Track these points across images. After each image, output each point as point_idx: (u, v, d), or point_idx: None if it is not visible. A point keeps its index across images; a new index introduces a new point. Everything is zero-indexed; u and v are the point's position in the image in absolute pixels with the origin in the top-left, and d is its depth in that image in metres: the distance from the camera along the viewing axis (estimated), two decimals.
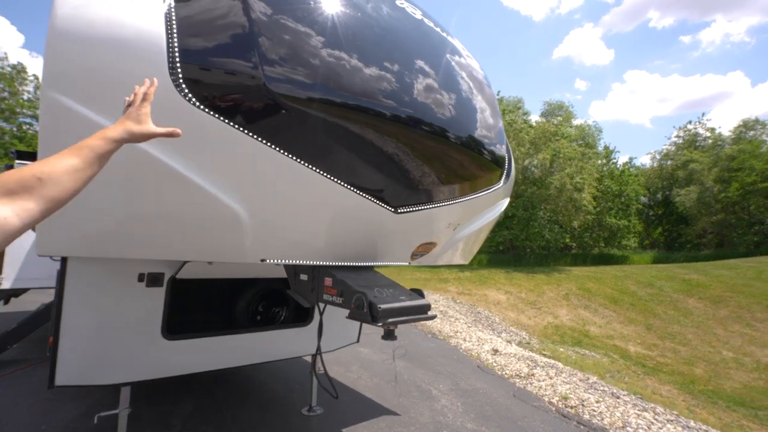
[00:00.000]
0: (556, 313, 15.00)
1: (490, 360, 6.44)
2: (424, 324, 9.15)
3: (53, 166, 0.81)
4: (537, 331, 12.95)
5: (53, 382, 2.54)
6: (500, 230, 23.29)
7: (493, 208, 2.72)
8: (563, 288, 17.31)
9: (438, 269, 19.39)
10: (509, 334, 10.97)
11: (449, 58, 2.35)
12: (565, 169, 21.60)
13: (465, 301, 14.17)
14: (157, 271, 2.78)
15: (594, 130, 34.45)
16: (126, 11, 1.28)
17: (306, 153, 1.60)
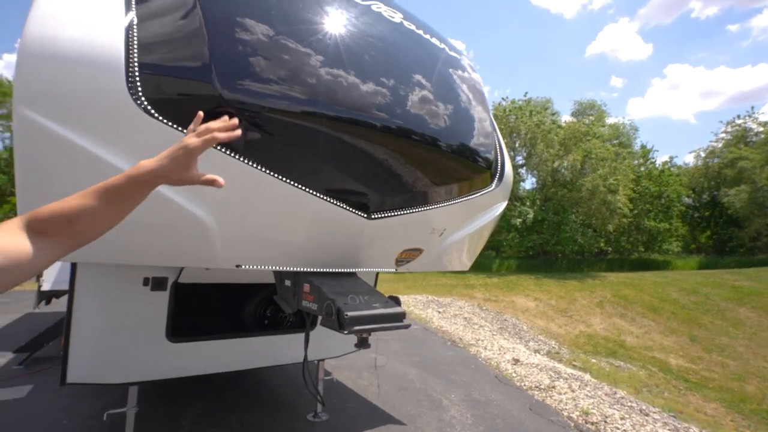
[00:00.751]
0: (588, 321, 14.32)
1: (510, 370, 6.22)
2: (444, 331, 8.99)
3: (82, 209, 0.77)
4: (568, 340, 12.39)
5: (65, 380, 2.69)
6: (529, 235, 22.59)
7: (486, 213, 2.63)
8: (597, 295, 16.51)
9: (464, 275, 19.02)
10: (537, 343, 10.55)
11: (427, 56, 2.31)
12: (597, 170, 20.70)
13: (491, 308, 13.81)
14: (161, 276, 2.90)
15: (629, 128, 32.85)
16: (89, 28, 1.35)
17: (267, 160, 1.61)
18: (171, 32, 1.51)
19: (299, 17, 1.83)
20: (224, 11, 1.63)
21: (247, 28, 1.64)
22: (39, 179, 1.39)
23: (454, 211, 2.32)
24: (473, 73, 2.79)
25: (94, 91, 1.32)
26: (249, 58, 1.59)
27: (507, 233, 23.48)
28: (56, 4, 1.35)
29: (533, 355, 7.75)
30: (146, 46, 1.41)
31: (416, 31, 2.41)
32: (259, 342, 3.56)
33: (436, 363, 6.20)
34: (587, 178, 20.84)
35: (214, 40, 1.51)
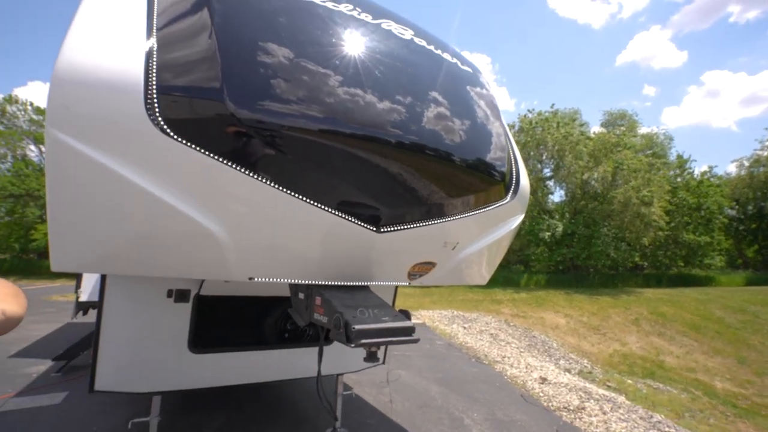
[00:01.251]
0: (623, 339, 13.59)
1: (537, 389, 5.97)
2: (469, 347, 8.77)
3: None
4: (601, 359, 11.78)
5: (93, 387, 2.81)
6: (559, 248, 21.87)
7: (501, 226, 2.59)
8: (632, 312, 15.68)
9: (491, 290, 18.58)
10: (568, 362, 10.09)
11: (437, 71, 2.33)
12: (629, 182, 19.93)
13: (519, 324, 13.37)
14: (184, 288, 3.00)
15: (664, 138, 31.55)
16: (113, 55, 1.46)
17: (277, 176, 1.66)
18: (187, 56, 1.62)
19: (310, 38, 1.91)
20: (237, 35, 1.73)
21: (259, 50, 1.73)
22: (68, 198, 1.49)
23: (466, 225, 2.30)
24: (486, 86, 2.79)
25: (116, 113, 1.42)
26: (260, 78, 1.67)
27: (535, 247, 22.84)
28: (87, 34, 1.48)
29: (562, 374, 7.41)
30: (164, 69, 1.51)
31: (427, 47, 2.45)
32: (278, 355, 3.59)
33: (459, 380, 6.04)
34: (619, 190, 20.08)
35: (226, 63, 1.60)
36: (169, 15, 1.72)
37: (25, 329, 8.02)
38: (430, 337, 9.38)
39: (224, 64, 1.59)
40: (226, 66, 1.59)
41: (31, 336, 7.44)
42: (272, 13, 1.89)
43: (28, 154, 25.96)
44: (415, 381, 5.81)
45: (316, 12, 2.02)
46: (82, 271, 2.18)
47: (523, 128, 23.88)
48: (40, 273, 20.65)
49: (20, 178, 23.60)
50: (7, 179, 23.21)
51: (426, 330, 10.28)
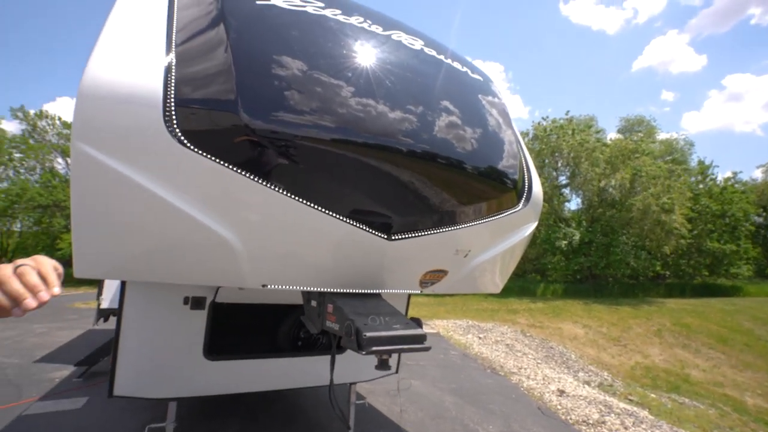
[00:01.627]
0: (645, 351, 13.14)
1: (554, 402, 5.82)
2: (484, 358, 8.63)
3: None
4: (622, 372, 11.41)
5: (112, 393, 2.88)
6: (576, 257, 21.42)
7: (514, 233, 2.57)
8: (654, 323, 15.19)
9: (507, 299, 18.30)
10: (587, 374, 9.81)
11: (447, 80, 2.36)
12: (648, 188, 19.46)
13: (536, 335, 13.09)
14: (200, 295, 3.06)
15: (684, 144, 30.80)
16: (134, 69, 1.54)
17: (289, 184, 1.70)
18: (203, 70, 1.68)
19: (321, 50, 1.96)
20: (251, 49, 1.79)
21: (272, 63, 1.79)
22: (91, 208, 1.56)
23: (478, 232, 2.29)
24: (496, 94, 2.80)
25: (136, 126, 1.49)
26: (273, 90, 1.73)
27: (552, 256, 22.42)
28: (110, 52, 1.56)
29: (581, 387, 7.21)
30: (182, 83, 1.58)
31: (437, 56, 2.48)
32: (292, 363, 3.61)
33: (474, 391, 5.94)
34: (638, 197, 19.62)
35: (241, 76, 1.66)
36: (188, 31, 1.80)
37: (49, 335, 8.28)
38: (444, 346, 9.27)
39: (239, 77, 1.65)
40: (240, 79, 1.65)
41: (55, 342, 7.66)
42: (285, 27, 1.95)
43: (56, 167, 27.01)
44: (429, 391, 5.74)
45: (328, 25, 2.08)
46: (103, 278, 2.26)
47: (538, 136, 23.67)
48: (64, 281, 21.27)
49: (48, 189, 24.52)
50: (36, 190, 24.14)
51: (440, 340, 10.17)
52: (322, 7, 2.12)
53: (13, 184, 25.09)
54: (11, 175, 26.26)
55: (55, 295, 0.85)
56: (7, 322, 9.61)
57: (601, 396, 6.69)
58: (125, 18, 1.75)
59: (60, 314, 11.52)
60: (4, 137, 25.85)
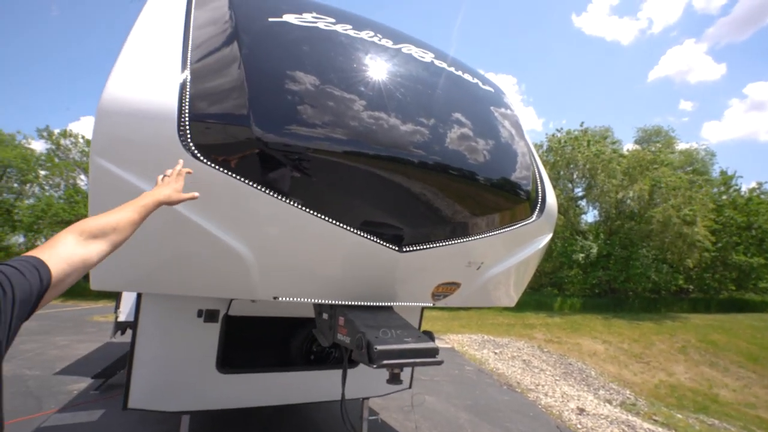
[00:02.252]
0: (670, 369, 12.61)
1: (574, 420, 5.61)
2: (500, 373, 8.41)
3: (122, 219, 1.11)
4: (645, 390, 10.95)
5: (126, 405, 2.90)
6: (594, 271, 20.89)
7: (528, 245, 2.52)
8: (678, 339, 14.61)
9: (523, 314, 17.90)
10: (608, 392, 9.44)
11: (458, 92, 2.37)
12: (669, 200, 18.97)
13: (554, 351, 12.72)
14: (213, 308, 3.08)
15: (705, 154, 30.06)
16: (151, 87, 1.59)
17: (300, 197, 1.72)
18: (217, 86, 1.73)
19: (332, 65, 2.00)
20: (264, 66, 1.84)
21: (284, 78, 1.83)
22: None
23: (490, 244, 2.26)
24: (508, 105, 2.79)
25: (152, 141, 1.54)
26: (285, 104, 1.77)
27: (569, 269, 21.93)
28: (128, 71, 1.62)
29: (602, 405, 6.94)
30: (196, 99, 1.63)
31: (447, 69, 2.49)
32: (304, 377, 3.58)
33: (490, 408, 5.77)
34: (657, 209, 19.13)
35: (253, 92, 1.70)
36: (202, 50, 1.86)
37: (69, 348, 8.43)
38: (459, 362, 9.08)
39: (251, 93, 1.69)
40: (253, 94, 1.69)
41: (74, 354, 7.80)
42: (297, 43, 2.00)
43: (78, 183, 27.96)
44: (444, 408, 5.60)
45: (339, 40, 2.13)
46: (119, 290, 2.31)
47: (552, 148, 23.45)
48: (84, 294, 21.81)
49: (71, 204, 25.35)
50: (60, 206, 24.99)
51: (455, 355, 9.97)
52: (333, 22, 2.17)
53: (39, 200, 26.08)
54: (37, 191, 27.32)
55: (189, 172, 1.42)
56: (31, 335, 9.84)
57: (623, 415, 6.42)
58: (143, 38, 1.82)
59: (80, 327, 11.76)
60: (32, 156, 26.99)
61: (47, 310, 16.11)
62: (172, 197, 1.32)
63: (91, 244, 1.01)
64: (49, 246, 0.96)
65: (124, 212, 1.14)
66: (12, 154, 25.35)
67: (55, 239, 0.98)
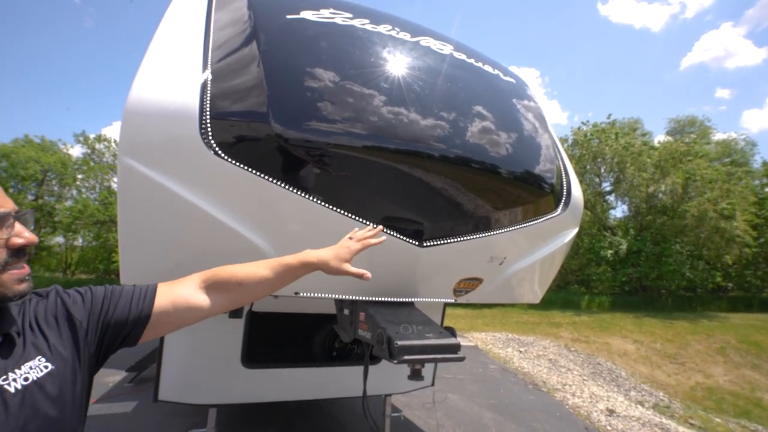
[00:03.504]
0: (707, 371, 12.03)
1: (603, 422, 5.43)
2: (525, 373, 8.25)
3: (252, 275, 1.02)
4: (680, 392, 10.49)
5: (157, 398, 3.01)
6: (624, 268, 20.16)
7: (553, 240, 2.44)
8: (716, 339, 13.92)
9: (548, 312, 17.49)
10: (640, 393, 9.11)
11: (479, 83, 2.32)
12: (704, 193, 18.05)
13: (581, 350, 12.37)
14: None
15: (744, 144, 28.45)
16: (173, 87, 1.64)
17: (320, 192, 1.72)
18: (237, 85, 1.76)
19: (351, 60, 2.00)
20: (282, 63, 1.86)
21: (302, 75, 1.84)
22: (135, 217, 1.66)
23: (514, 238, 2.20)
24: (531, 96, 2.72)
25: (175, 139, 1.58)
26: (304, 101, 1.78)
27: (597, 266, 21.25)
28: (152, 73, 1.67)
29: (634, 407, 6.70)
30: (217, 98, 1.66)
31: (467, 60, 2.45)
32: (327, 372, 3.62)
33: (515, 407, 5.67)
34: (692, 202, 18.24)
35: (272, 89, 1.72)
36: (222, 50, 1.90)
37: None
38: (483, 360, 8.97)
39: (270, 90, 1.71)
40: (272, 91, 1.71)
41: None
42: (315, 39, 2.01)
43: (112, 185, 29.29)
44: (467, 406, 5.54)
45: (357, 34, 2.12)
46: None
47: (578, 141, 22.74)
48: None
49: (105, 206, 26.60)
50: (95, 207, 26.27)
51: (478, 353, 9.86)
52: (351, 17, 2.17)
53: (76, 202, 27.51)
54: (75, 194, 28.83)
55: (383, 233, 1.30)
56: None
57: (656, 418, 6.18)
58: (166, 41, 1.88)
59: None
60: (70, 161, 28.47)
61: None
62: (330, 265, 1.14)
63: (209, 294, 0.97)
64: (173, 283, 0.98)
65: (259, 268, 1.03)
66: (52, 159, 26.83)
67: (183, 279, 1.00)
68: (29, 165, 25.47)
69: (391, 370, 3.51)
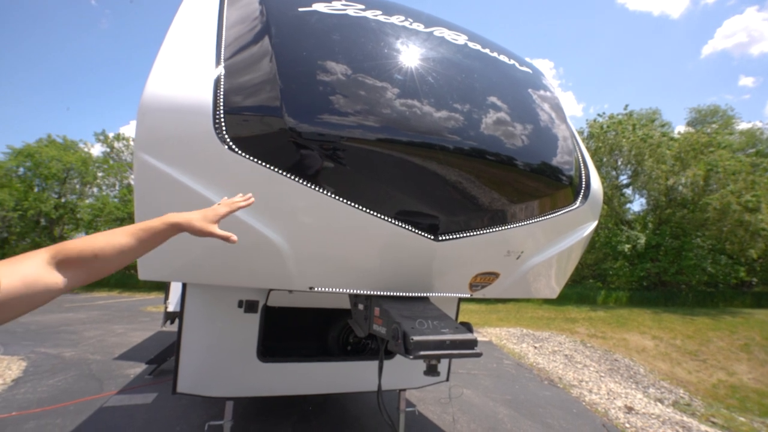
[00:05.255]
0: (730, 368, 11.70)
1: (622, 419, 5.34)
2: (541, 368, 8.16)
3: (109, 244, 0.90)
4: (702, 390, 10.23)
5: (175, 390, 3.07)
6: (642, 262, 19.71)
7: (571, 233, 2.38)
8: (740, 336, 13.53)
9: (564, 307, 17.26)
10: (659, 390, 8.92)
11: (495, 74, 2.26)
12: (727, 185, 17.47)
13: (598, 346, 12.17)
14: (253, 299, 3.18)
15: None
16: (186, 83, 1.64)
17: (334, 186, 1.71)
18: (250, 80, 1.76)
19: (363, 52, 1.97)
20: (295, 57, 1.84)
21: (315, 68, 1.82)
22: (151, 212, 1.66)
23: (531, 232, 2.16)
24: (548, 87, 2.65)
25: (189, 134, 1.59)
26: (317, 94, 1.76)
27: (613, 261, 20.82)
28: (166, 70, 1.68)
29: (653, 404, 6.56)
30: (230, 93, 1.66)
31: (482, 50, 2.39)
32: (341, 367, 3.63)
33: (530, 403, 5.61)
34: (714, 195, 17.67)
35: (285, 83, 1.71)
36: (235, 46, 1.89)
37: (125, 335, 9.09)
38: (497, 356, 8.91)
39: (283, 85, 1.70)
40: (285, 86, 1.70)
41: (130, 341, 8.41)
42: (327, 32, 1.99)
43: (131, 183, 29.96)
44: (482, 402, 5.51)
45: (369, 26, 2.09)
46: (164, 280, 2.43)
47: (593, 134, 22.23)
48: (138, 287, 23.47)
49: (124, 203, 27.25)
50: (114, 205, 26.94)
51: (493, 348, 9.79)
52: (363, 9, 2.14)
53: (96, 199, 28.27)
54: (95, 192, 29.61)
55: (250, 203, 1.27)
56: (93, 324, 10.70)
57: (677, 416, 6.04)
58: (179, 38, 1.88)
59: (135, 317, 12.63)
60: (90, 160, 29.23)
61: (106, 301, 17.46)
62: (195, 225, 1.09)
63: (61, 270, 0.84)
64: (13, 260, 0.81)
65: (116, 236, 0.92)
66: (74, 158, 27.57)
67: (23, 255, 0.83)
68: (52, 164, 26.23)
69: (406, 365, 3.51)
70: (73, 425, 4.12)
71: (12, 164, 26.34)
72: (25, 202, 25.02)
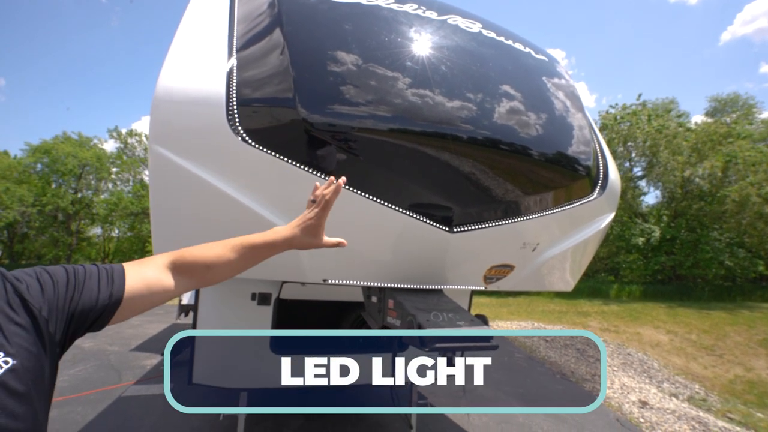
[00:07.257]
0: (748, 363, 11.46)
1: (635, 414, 5.28)
2: (552, 362, 8.11)
3: (221, 260, 0.97)
4: (718, 385, 10.04)
5: (191, 380, 3.12)
6: (656, 256, 19.37)
7: (588, 225, 2.33)
8: (758, 331, 13.23)
9: (576, 301, 17.09)
10: (674, 385, 8.79)
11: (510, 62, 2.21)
12: (747, 177, 17.00)
13: (611, 340, 12.05)
14: (266, 292, 3.20)
15: None
16: (199, 75, 1.64)
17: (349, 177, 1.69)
18: (262, 72, 1.75)
19: (376, 41, 1.94)
20: (307, 48, 1.82)
21: (328, 58, 1.80)
22: (165, 203, 1.68)
23: (547, 224, 2.12)
24: (564, 75, 2.58)
25: (203, 126, 1.59)
26: (330, 85, 1.75)
27: (627, 254, 20.49)
28: (178, 63, 1.68)
29: (667, 399, 6.48)
30: (243, 86, 1.66)
31: (497, 38, 2.34)
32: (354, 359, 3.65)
33: (542, 397, 5.59)
34: (733, 187, 17.22)
35: (298, 75, 1.69)
36: (247, 38, 1.88)
37: (141, 327, 9.29)
38: (508, 349, 8.88)
39: (296, 75, 1.69)
40: (297, 76, 1.69)
41: (146, 333, 8.61)
42: (339, 21, 1.96)
43: (144, 178, 30.46)
44: (494, 395, 5.49)
45: (381, 14, 2.06)
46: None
47: (606, 125, 21.78)
48: None
49: (138, 198, 27.71)
50: (128, 200, 27.42)
51: (504, 341, 9.76)
52: None
53: (111, 194, 28.80)
54: (110, 187, 30.18)
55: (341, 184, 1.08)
56: None
57: (692, 411, 5.95)
58: (191, 31, 1.88)
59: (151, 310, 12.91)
60: (105, 156, 29.75)
61: None
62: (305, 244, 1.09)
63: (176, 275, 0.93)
64: (138, 264, 0.91)
65: (226, 251, 0.98)
66: (89, 155, 28.07)
67: (147, 259, 0.94)
68: (68, 160, 26.74)
69: None
70: (94, 413, 4.24)
71: (30, 161, 26.93)
72: (44, 198, 25.61)
